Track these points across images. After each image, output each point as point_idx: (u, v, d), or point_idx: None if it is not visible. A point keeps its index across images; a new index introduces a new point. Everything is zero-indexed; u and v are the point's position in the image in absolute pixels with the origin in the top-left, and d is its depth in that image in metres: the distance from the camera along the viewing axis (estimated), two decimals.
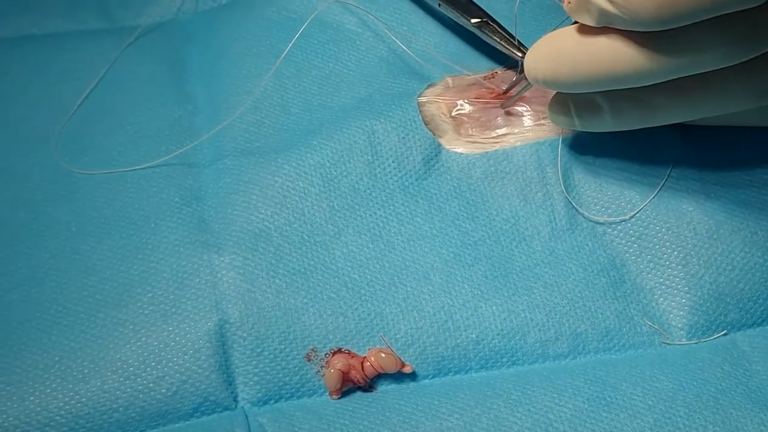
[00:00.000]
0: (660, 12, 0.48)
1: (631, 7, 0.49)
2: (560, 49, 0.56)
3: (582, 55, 0.54)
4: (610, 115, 0.58)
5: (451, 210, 0.63)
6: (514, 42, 0.65)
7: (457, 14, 0.67)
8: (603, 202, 0.62)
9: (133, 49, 0.74)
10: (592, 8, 0.52)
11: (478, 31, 0.66)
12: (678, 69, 0.52)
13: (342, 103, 0.67)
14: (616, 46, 0.53)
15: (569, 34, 0.55)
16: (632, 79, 0.53)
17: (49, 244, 0.63)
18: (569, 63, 0.55)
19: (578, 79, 0.55)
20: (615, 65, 0.53)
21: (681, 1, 0.48)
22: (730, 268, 0.60)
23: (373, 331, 0.59)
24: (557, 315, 0.59)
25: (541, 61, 0.57)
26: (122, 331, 0.58)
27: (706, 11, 0.48)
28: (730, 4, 0.48)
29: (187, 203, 0.64)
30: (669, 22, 0.49)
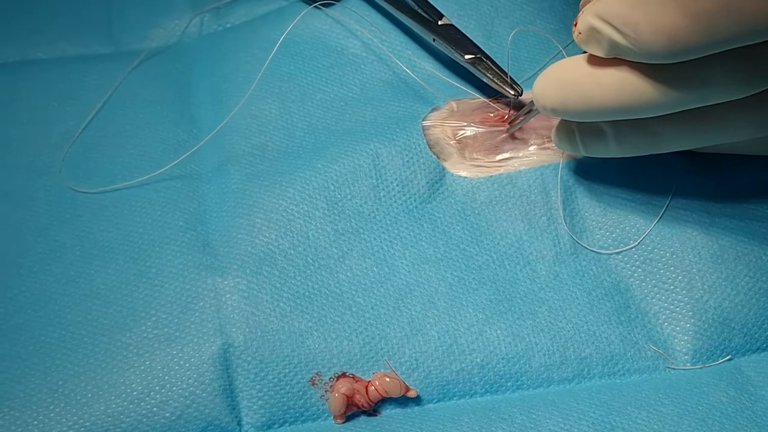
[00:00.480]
0: (671, 45, 0.48)
1: (642, 40, 0.49)
2: (569, 79, 0.56)
3: (591, 85, 0.54)
4: (614, 141, 0.58)
5: (456, 234, 0.63)
6: (506, 79, 0.65)
7: (451, 50, 0.67)
8: (607, 226, 0.62)
9: (138, 72, 0.74)
10: (602, 40, 0.52)
11: (471, 67, 0.66)
12: (686, 101, 0.52)
13: (346, 127, 0.67)
14: (625, 78, 0.53)
15: (578, 64, 0.55)
16: (640, 111, 0.54)
17: (54, 268, 0.63)
18: (578, 93, 0.55)
19: (586, 109, 0.55)
20: (623, 96, 0.53)
21: (692, 35, 0.48)
22: (735, 293, 0.60)
23: (378, 355, 0.59)
24: (562, 339, 0.59)
25: (550, 89, 0.57)
26: (126, 354, 0.58)
27: (717, 45, 0.48)
28: (742, 38, 0.48)
29: (192, 227, 0.64)
30: (679, 56, 0.49)
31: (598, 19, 0.51)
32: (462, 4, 0.71)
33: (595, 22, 0.52)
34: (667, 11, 0.48)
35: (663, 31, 0.48)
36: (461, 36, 0.68)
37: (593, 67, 0.54)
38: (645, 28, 0.49)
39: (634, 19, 0.49)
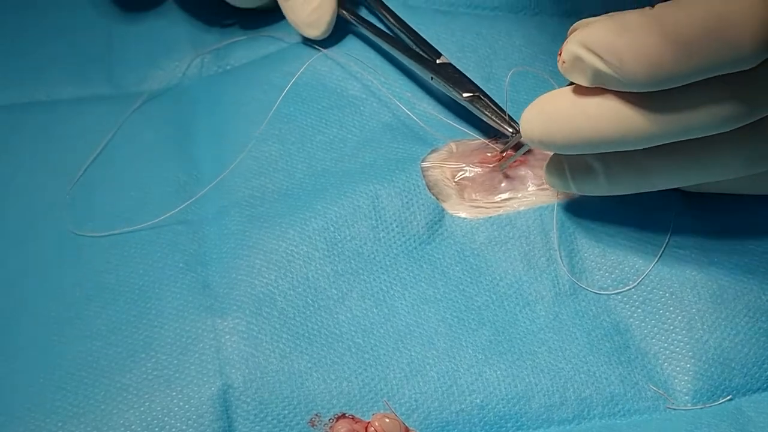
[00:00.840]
0: (654, 73, 0.49)
1: (626, 68, 0.50)
2: (554, 109, 0.56)
3: (575, 116, 0.55)
4: (604, 178, 0.58)
5: (455, 274, 0.63)
6: (504, 117, 0.65)
7: (448, 88, 0.68)
8: (606, 267, 0.62)
9: (139, 114, 0.74)
10: (586, 68, 0.52)
11: (469, 105, 0.67)
12: (672, 132, 0.52)
13: (346, 168, 0.67)
14: (610, 108, 0.53)
15: (564, 95, 0.56)
16: (626, 142, 0.54)
17: (54, 309, 0.63)
18: (563, 123, 0.55)
19: (571, 140, 0.55)
20: (608, 126, 0.53)
21: (675, 62, 0.49)
22: (735, 333, 0.60)
23: (377, 396, 0.59)
24: (562, 380, 0.59)
25: (536, 120, 0.57)
26: (126, 396, 0.58)
27: (700, 72, 0.49)
28: (724, 66, 0.49)
29: (192, 268, 0.64)
30: (663, 83, 0.50)
31: (582, 47, 0.52)
32: (461, 45, 0.72)
33: (579, 51, 0.52)
34: (649, 39, 0.49)
35: (646, 59, 0.49)
36: (459, 74, 0.68)
37: (578, 97, 0.55)
38: (628, 55, 0.50)
39: (617, 47, 0.50)
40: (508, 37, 0.73)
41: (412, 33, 0.72)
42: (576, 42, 0.53)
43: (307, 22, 0.72)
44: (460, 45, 0.72)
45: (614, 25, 0.51)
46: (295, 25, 0.73)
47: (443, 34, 0.72)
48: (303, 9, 0.72)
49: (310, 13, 0.72)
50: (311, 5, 0.72)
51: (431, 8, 0.76)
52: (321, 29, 0.73)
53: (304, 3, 0.72)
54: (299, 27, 0.73)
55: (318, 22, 0.72)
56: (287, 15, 0.74)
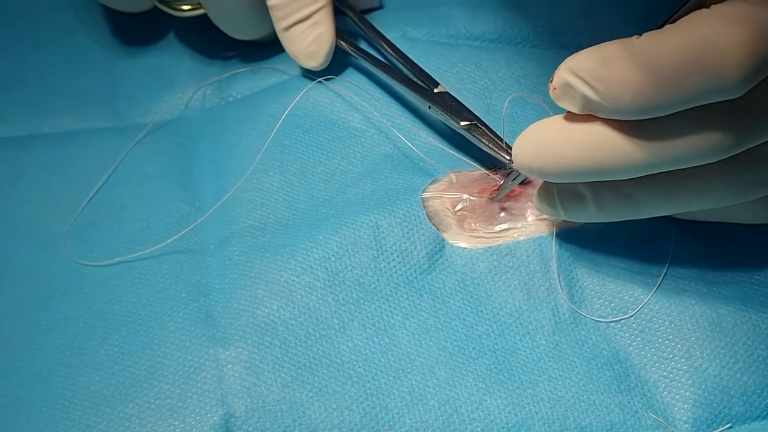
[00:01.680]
0: (638, 102, 0.49)
1: (611, 96, 0.50)
2: (544, 137, 0.56)
3: (563, 143, 0.55)
4: (593, 205, 0.58)
5: (455, 304, 0.63)
6: (502, 144, 0.65)
7: (446, 117, 0.68)
8: (605, 296, 0.63)
9: (142, 146, 0.75)
10: (575, 95, 0.53)
11: (467, 133, 0.67)
12: (658, 163, 0.53)
13: (347, 199, 0.67)
14: (598, 137, 0.53)
15: (554, 123, 0.56)
16: (613, 171, 0.54)
17: (57, 340, 0.63)
18: (552, 152, 0.56)
19: (560, 169, 0.56)
20: (595, 156, 0.54)
21: (657, 91, 0.49)
22: (734, 361, 0.60)
23: (379, 425, 0.59)
24: (562, 408, 0.59)
25: (526, 148, 0.57)
26: (129, 425, 0.59)
27: (684, 101, 0.49)
28: (706, 96, 0.49)
29: (194, 298, 0.64)
30: (648, 112, 0.50)
31: (571, 73, 0.52)
32: (460, 77, 0.72)
33: (568, 77, 0.53)
34: (632, 69, 0.49)
35: (630, 88, 0.49)
36: (457, 103, 0.69)
37: (567, 125, 0.55)
38: (613, 84, 0.50)
39: (602, 75, 0.50)
40: (507, 69, 0.73)
41: (409, 63, 0.72)
42: (565, 68, 0.53)
43: (305, 53, 0.73)
44: (459, 76, 0.72)
45: (600, 54, 0.51)
46: (294, 56, 0.74)
47: (443, 66, 0.73)
48: (301, 41, 0.73)
49: (309, 45, 0.73)
50: (309, 37, 0.72)
51: (431, 40, 0.76)
52: (319, 60, 0.73)
53: (302, 35, 0.73)
54: (298, 58, 0.74)
55: (316, 53, 0.73)
56: (286, 47, 0.74)
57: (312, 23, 0.72)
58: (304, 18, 0.72)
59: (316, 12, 0.72)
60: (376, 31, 0.75)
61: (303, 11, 0.72)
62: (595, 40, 0.75)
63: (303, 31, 0.73)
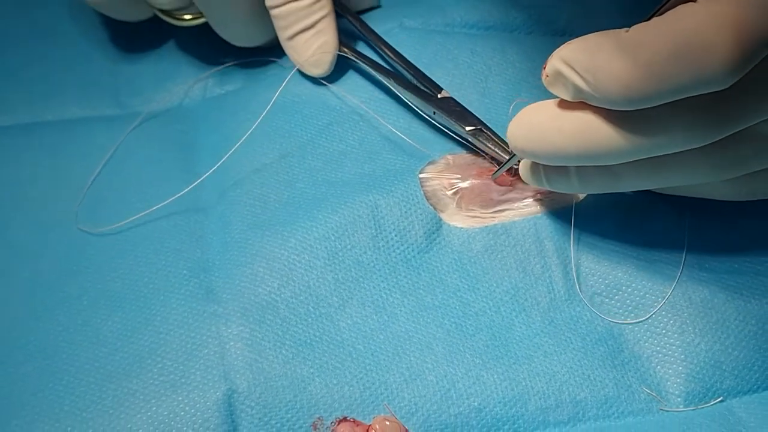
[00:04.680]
0: (628, 93, 0.50)
1: (601, 87, 0.51)
2: (536, 123, 0.57)
3: (552, 131, 0.56)
4: (576, 179, 0.59)
5: (453, 282, 0.64)
6: (506, 148, 0.66)
7: (451, 122, 0.69)
8: (600, 273, 0.63)
9: (143, 132, 0.76)
10: (567, 84, 0.53)
11: (472, 138, 0.68)
12: (646, 150, 0.54)
13: (346, 179, 0.68)
14: (586, 126, 0.54)
15: (545, 108, 0.57)
16: (600, 158, 0.55)
17: (61, 317, 0.64)
18: (541, 138, 0.57)
19: (550, 154, 0.57)
20: (582, 143, 0.55)
21: (646, 83, 0.49)
22: (725, 336, 0.61)
23: (378, 400, 0.59)
24: (557, 383, 0.60)
25: (519, 132, 0.58)
26: (133, 401, 0.59)
27: (671, 93, 0.50)
28: (694, 88, 0.49)
29: (195, 275, 0.65)
30: (638, 103, 0.50)
31: (563, 62, 0.53)
32: (456, 63, 0.73)
33: (559, 66, 0.53)
34: (621, 60, 0.50)
35: (619, 80, 0.50)
36: (461, 108, 0.69)
37: (558, 111, 0.56)
38: (603, 75, 0.50)
39: (593, 66, 0.51)
40: (502, 54, 0.74)
41: (413, 68, 0.73)
42: (558, 57, 0.54)
43: (310, 62, 0.74)
44: (456, 62, 0.73)
45: (590, 45, 0.51)
46: (299, 65, 0.74)
47: (439, 53, 0.74)
48: (305, 49, 0.73)
49: (313, 53, 0.73)
50: (314, 46, 0.73)
51: (427, 29, 0.77)
52: (324, 68, 0.74)
53: (306, 43, 0.73)
54: (303, 66, 0.74)
55: (321, 61, 0.73)
56: (290, 55, 0.75)
57: (316, 32, 0.73)
58: (308, 27, 0.73)
59: (319, 21, 0.73)
60: (377, 35, 0.76)
61: (307, 20, 0.73)
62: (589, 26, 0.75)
63: (307, 40, 0.73)
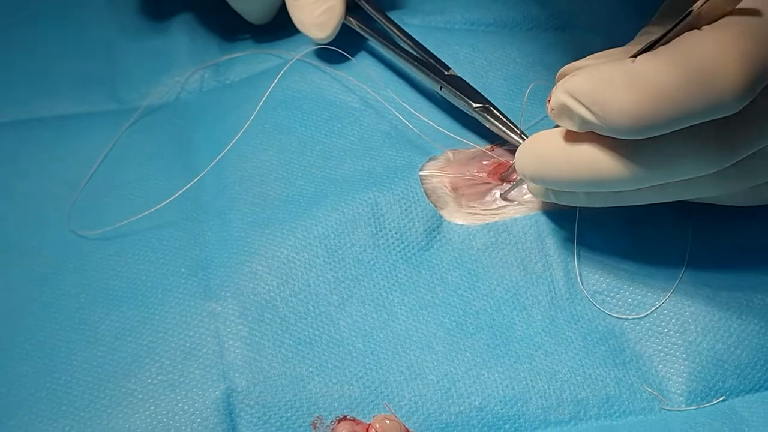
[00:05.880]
0: (636, 123, 0.50)
1: (609, 119, 0.51)
2: (543, 154, 0.58)
3: (561, 163, 0.56)
4: (584, 197, 0.59)
5: (453, 280, 0.64)
6: (515, 128, 0.66)
7: (458, 98, 0.68)
8: (601, 271, 0.63)
9: (140, 127, 0.75)
10: (573, 116, 0.53)
11: (479, 116, 0.67)
12: (655, 178, 0.54)
13: (345, 176, 0.68)
14: (595, 157, 0.54)
15: (552, 139, 0.57)
16: (611, 186, 0.55)
17: (59, 316, 0.63)
18: (551, 167, 0.57)
19: (559, 182, 0.58)
20: (593, 173, 0.55)
21: (657, 114, 0.49)
22: (728, 335, 0.60)
23: (378, 399, 0.59)
24: (558, 382, 0.60)
25: (527, 160, 0.59)
26: (131, 400, 0.59)
27: (680, 121, 0.49)
28: (704, 114, 0.49)
29: (194, 273, 0.64)
30: (645, 132, 0.50)
31: (568, 96, 0.53)
32: (456, 58, 0.73)
33: (565, 99, 0.53)
34: (631, 92, 0.49)
35: (627, 113, 0.50)
36: (468, 86, 0.69)
37: (566, 143, 0.56)
38: (611, 108, 0.50)
39: (600, 98, 0.51)
40: (502, 50, 0.74)
41: (420, 47, 0.72)
42: (562, 90, 0.54)
43: (315, 23, 0.73)
44: (456, 57, 0.73)
45: (597, 77, 0.51)
46: (303, 25, 0.74)
47: (439, 48, 0.73)
48: (312, 10, 0.73)
49: (320, 15, 0.73)
50: (321, 7, 0.72)
51: (428, 26, 0.77)
52: (328, 31, 0.73)
53: (314, 4, 0.73)
54: (307, 28, 0.73)
55: (326, 24, 0.73)
56: (295, 15, 0.74)
57: None
58: None
59: None
60: (385, 15, 0.75)
61: None
62: (590, 21, 0.76)
63: (315, 1, 0.73)
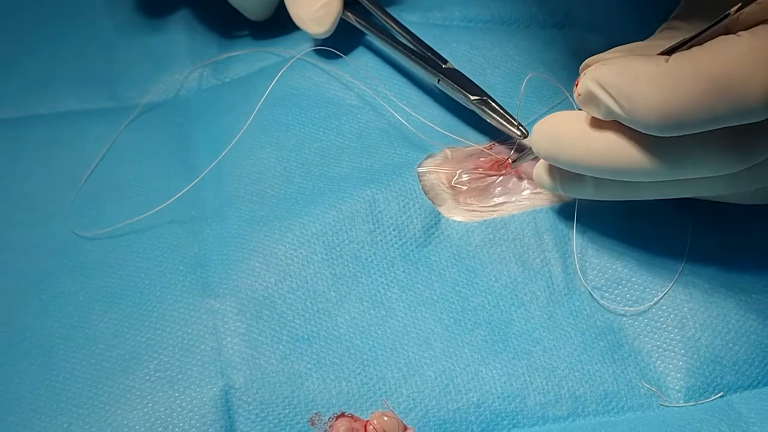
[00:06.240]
0: (665, 122, 0.50)
1: (636, 115, 0.51)
2: (562, 136, 0.57)
3: (580, 148, 0.56)
4: (592, 187, 0.59)
5: (451, 276, 0.64)
6: (512, 121, 0.66)
7: (455, 92, 0.68)
8: (600, 267, 0.63)
9: (139, 125, 0.75)
10: (600, 105, 0.53)
11: (476, 108, 0.67)
12: (673, 174, 0.54)
13: (343, 173, 0.68)
14: (616, 147, 0.54)
15: (573, 122, 0.57)
16: (627, 177, 0.55)
17: (57, 314, 0.63)
18: (568, 152, 0.57)
19: (575, 166, 0.57)
20: (609, 165, 0.55)
21: (686, 114, 0.49)
22: (726, 331, 0.60)
23: (376, 396, 0.59)
24: (556, 378, 0.60)
25: (545, 140, 0.59)
26: (129, 397, 0.59)
27: (708, 123, 0.50)
28: (732, 120, 0.49)
29: (192, 270, 0.64)
30: (671, 131, 0.50)
31: (597, 85, 0.53)
32: (454, 56, 0.72)
33: (593, 88, 0.53)
34: (661, 90, 0.49)
35: (656, 111, 0.50)
36: (466, 79, 0.69)
37: (587, 128, 0.56)
38: (640, 103, 0.50)
39: (629, 93, 0.51)
40: (500, 48, 0.74)
41: (418, 41, 0.72)
42: (591, 78, 0.53)
43: (313, 17, 0.73)
44: (454, 55, 0.72)
45: (628, 71, 0.51)
46: (301, 20, 0.73)
47: (437, 45, 0.73)
48: (311, 4, 0.72)
49: (318, 9, 0.72)
50: (319, 2, 0.72)
51: (426, 23, 0.77)
52: (326, 26, 0.73)
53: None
54: (305, 23, 0.73)
55: (324, 19, 0.72)
56: (292, 10, 0.74)
57: None
58: None
59: None
60: (383, 10, 0.75)
61: None
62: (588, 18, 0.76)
63: None
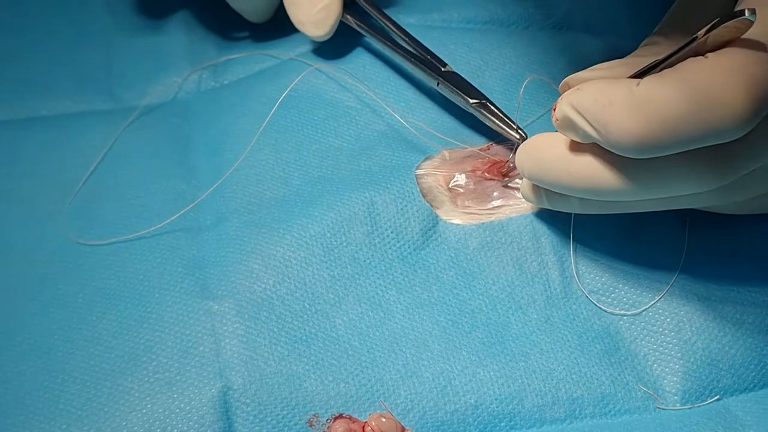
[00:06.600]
0: (638, 145, 0.50)
1: (611, 139, 0.51)
2: (543, 159, 0.58)
3: (560, 171, 0.57)
4: (578, 203, 0.60)
5: (449, 279, 0.64)
6: (512, 124, 0.66)
7: (455, 95, 0.68)
8: (597, 271, 0.63)
9: (138, 127, 0.75)
10: (577, 129, 0.54)
11: (476, 111, 0.67)
12: (653, 193, 0.54)
13: (342, 175, 0.68)
14: (595, 168, 0.55)
15: (554, 145, 0.58)
16: (609, 197, 0.56)
17: (56, 315, 0.63)
18: (550, 174, 0.58)
19: (557, 188, 0.58)
20: (591, 185, 0.55)
21: (659, 138, 0.49)
22: (722, 335, 0.61)
23: (374, 397, 0.59)
24: (554, 380, 0.60)
25: (527, 162, 0.60)
26: (128, 398, 0.59)
27: (683, 145, 0.50)
28: (707, 140, 0.50)
29: (191, 272, 0.65)
30: (647, 153, 0.50)
31: (573, 110, 0.53)
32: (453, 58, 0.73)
33: (570, 113, 0.54)
34: (633, 115, 0.50)
35: (630, 135, 0.50)
36: (465, 82, 0.69)
37: (567, 152, 0.57)
38: (614, 128, 0.51)
39: (603, 118, 0.51)
40: (499, 50, 0.74)
41: (418, 44, 0.72)
42: (567, 103, 0.54)
43: (313, 20, 0.73)
44: (452, 57, 0.73)
45: (602, 96, 0.52)
46: (301, 23, 0.73)
47: (435, 48, 0.73)
48: (310, 7, 0.72)
49: (317, 12, 0.72)
50: (318, 5, 0.72)
51: (424, 25, 0.77)
52: (325, 29, 0.73)
53: (312, 1, 0.72)
54: (304, 25, 0.73)
55: (324, 21, 0.73)
56: (292, 12, 0.74)
57: None
58: None
59: None
60: (382, 12, 0.75)
61: None
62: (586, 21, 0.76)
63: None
